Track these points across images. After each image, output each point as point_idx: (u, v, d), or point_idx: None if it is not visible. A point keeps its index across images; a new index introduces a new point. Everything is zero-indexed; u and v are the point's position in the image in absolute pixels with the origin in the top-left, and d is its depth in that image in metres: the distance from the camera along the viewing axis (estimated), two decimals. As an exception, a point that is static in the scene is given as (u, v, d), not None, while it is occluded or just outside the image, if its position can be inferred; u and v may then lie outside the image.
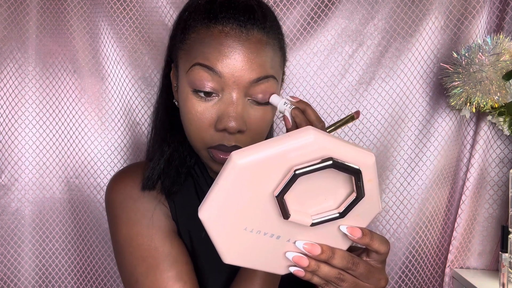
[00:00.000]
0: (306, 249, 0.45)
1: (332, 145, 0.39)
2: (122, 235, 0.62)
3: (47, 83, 1.00)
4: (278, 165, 0.39)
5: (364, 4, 0.97)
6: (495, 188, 0.97)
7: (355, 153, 0.40)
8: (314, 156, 0.39)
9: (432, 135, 0.97)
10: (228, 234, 0.44)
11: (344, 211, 0.43)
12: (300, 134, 0.39)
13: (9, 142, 0.99)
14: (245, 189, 0.41)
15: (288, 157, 0.39)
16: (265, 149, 0.39)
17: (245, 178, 0.40)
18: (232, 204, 0.42)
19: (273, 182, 0.40)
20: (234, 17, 0.57)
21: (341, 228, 0.45)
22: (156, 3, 0.98)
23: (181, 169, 0.67)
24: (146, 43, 0.99)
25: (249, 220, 0.43)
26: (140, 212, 0.63)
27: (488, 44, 0.87)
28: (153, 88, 1.00)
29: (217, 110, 0.58)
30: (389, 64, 0.97)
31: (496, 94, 0.86)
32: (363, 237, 0.46)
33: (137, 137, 1.01)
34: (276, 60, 0.60)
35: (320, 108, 0.99)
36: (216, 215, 0.42)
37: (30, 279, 1.01)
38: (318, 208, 0.43)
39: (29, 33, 0.99)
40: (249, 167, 0.39)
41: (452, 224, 0.99)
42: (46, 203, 1.01)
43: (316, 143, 0.39)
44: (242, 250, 0.45)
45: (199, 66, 0.57)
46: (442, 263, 1.00)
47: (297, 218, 0.42)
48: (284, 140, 0.39)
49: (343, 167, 0.39)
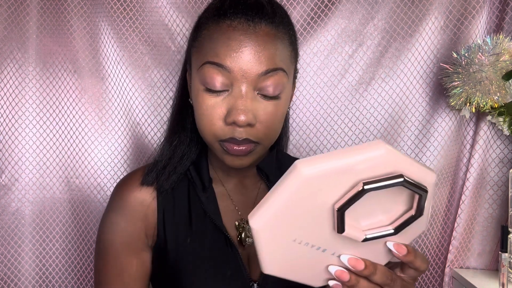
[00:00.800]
0: (350, 263, 0.44)
1: (401, 162, 0.38)
2: (98, 241, 0.69)
3: (47, 83, 1.00)
4: (345, 178, 0.38)
5: (364, 4, 0.97)
6: (495, 188, 0.97)
7: (421, 171, 0.39)
8: (383, 171, 0.37)
9: (432, 135, 0.97)
10: (275, 244, 0.42)
11: (398, 228, 0.41)
12: (372, 147, 0.37)
13: (9, 142, 0.99)
14: (306, 200, 0.39)
15: (356, 169, 0.37)
16: (333, 159, 0.37)
17: (308, 188, 0.38)
18: (288, 214, 0.40)
19: (336, 194, 0.38)
20: (242, 11, 0.58)
21: (388, 245, 0.44)
22: (156, 3, 0.98)
23: (177, 168, 0.68)
24: (146, 43, 0.99)
25: (300, 232, 0.41)
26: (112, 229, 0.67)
27: (488, 44, 0.87)
28: (153, 88, 1.00)
29: (227, 104, 0.58)
30: (389, 64, 0.97)
31: (496, 94, 0.86)
32: (408, 254, 0.45)
33: (137, 137, 1.01)
34: (286, 54, 0.60)
35: (320, 108, 0.99)
36: (268, 224, 0.40)
37: (30, 279, 1.01)
38: (370, 223, 0.42)
39: (29, 33, 0.99)
40: (315, 177, 0.37)
41: (452, 224, 0.99)
42: (47, 203, 1.01)
43: (386, 157, 0.37)
44: (285, 261, 0.44)
45: (209, 64, 0.58)
46: (442, 263, 1.00)
47: (351, 233, 0.40)
48: (353, 152, 0.37)
49: (413, 185, 0.38)
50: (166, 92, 1.00)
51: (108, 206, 0.70)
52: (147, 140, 1.01)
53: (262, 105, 0.59)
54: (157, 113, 1.00)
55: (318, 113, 0.99)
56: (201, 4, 0.98)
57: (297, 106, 0.99)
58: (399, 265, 0.49)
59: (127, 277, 0.65)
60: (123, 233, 0.67)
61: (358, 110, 0.98)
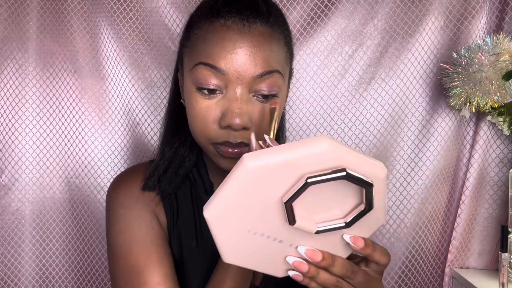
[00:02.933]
0: (307, 255, 0.45)
1: (346, 156, 0.39)
2: (111, 240, 0.64)
3: (47, 83, 1.00)
4: (289, 171, 0.39)
5: (364, 4, 0.97)
6: (495, 188, 0.97)
7: (368, 165, 0.40)
8: (327, 165, 0.39)
9: (432, 135, 0.97)
10: (231, 234, 0.43)
11: (350, 221, 0.42)
12: (315, 142, 0.39)
13: (9, 142, 0.99)
14: (254, 192, 0.40)
15: (301, 164, 0.39)
16: (278, 154, 0.39)
17: (255, 181, 0.40)
18: (239, 206, 0.41)
19: (282, 188, 0.40)
20: (237, 10, 0.56)
21: (344, 237, 0.45)
22: (156, 3, 0.98)
23: (179, 171, 0.66)
24: (146, 43, 0.99)
25: (254, 223, 0.43)
26: (127, 223, 0.63)
27: (487, 44, 0.87)
28: (153, 88, 1.00)
29: (221, 107, 0.56)
30: (389, 64, 0.97)
31: (496, 94, 0.86)
32: (365, 247, 0.45)
33: (137, 137, 1.01)
34: (281, 54, 0.58)
35: (320, 108, 0.99)
36: (221, 215, 0.42)
37: (30, 279, 1.01)
38: (324, 216, 0.43)
39: (29, 33, 0.99)
40: (260, 170, 0.39)
41: (452, 224, 0.99)
42: (46, 203, 1.01)
43: (330, 152, 0.38)
44: (243, 251, 0.45)
45: (202, 65, 0.56)
46: (442, 263, 1.00)
47: (303, 225, 0.42)
48: (298, 147, 0.39)
49: (356, 179, 0.39)
50: (166, 92, 1.00)
51: (112, 209, 0.66)
52: (146, 140, 1.01)
53: (257, 107, 0.57)
54: (157, 113, 1.00)
55: (318, 113, 0.99)
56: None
57: (297, 106, 0.99)
58: (364, 260, 0.50)
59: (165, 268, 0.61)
60: (143, 225, 0.63)
61: (358, 110, 0.98)
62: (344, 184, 0.40)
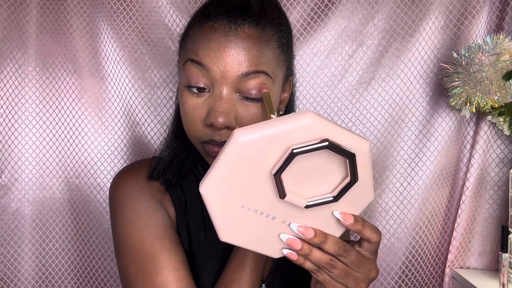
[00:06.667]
0: (300, 231, 0.46)
1: (329, 129, 0.41)
2: (118, 234, 0.64)
3: (47, 83, 1.00)
4: (277, 145, 0.41)
5: (364, 4, 0.97)
6: (495, 188, 0.97)
7: (350, 138, 0.42)
8: (312, 137, 0.41)
9: (432, 135, 0.97)
10: (226, 211, 0.45)
11: (338, 195, 0.44)
12: (300, 116, 0.41)
13: (9, 142, 0.99)
14: (245, 167, 0.42)
15: (288, 137, 0.41)
16: (266, 128, 0.41)
17: (246, 155, 0.42)
18: (232, 181, 0.43)
19: (272, 161, 0.42)
20: (225, 13, 0.57)
21: (334, 213, 0.46)
22: (156, 3, 0.98)
23: (184, 163, 0.67)
24: (146, 43, 0.99)
25: (247, 198, 0.45)
26: (137, 212, 0.63)
27: (488, 44, 0.87)
28: (153, 88, 1.00)
29: (208, 106, 0.58)
30: (389, 64, 0.97)
31: (496, 94, 0.86)
32: (355, 223, 0.47)
33: (137, 137, 1.01)
34: (271, 56, 0.58)
35: (320, 108, 0.99)
36: (216, 191, 0.44)
37: (30, 279, 1.01)
38: (313, 192, 0.45)
39: (29, 33, 0.99)
40: (250, 144, 0.41)
41: (452, 224, 0.99)
42: (46, 203, 1.01)
43: (314, 125, 0.41)
44: (238, 228, 0.47)
45: (190, 62, 0.58)
46: (442, 263, 1.00)
47: (293, 198, 0.44)
48: (284, 121, 0.41)
49: (338, 149, 0.41)
50: (166, 92, 1.00)
51: (118, 199, 0.65)
52: (146, 140, 1.01)
53: (244, 107, 0.58)
54: (157, 113, 1.00)
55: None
56: (201, 4, 0.98)
57: (297, 106, 0.99)
58: (357, 243, 0.51)
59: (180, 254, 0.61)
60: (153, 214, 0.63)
61: (358, 110, 0.98)
62: (330, 158, 0.43)
